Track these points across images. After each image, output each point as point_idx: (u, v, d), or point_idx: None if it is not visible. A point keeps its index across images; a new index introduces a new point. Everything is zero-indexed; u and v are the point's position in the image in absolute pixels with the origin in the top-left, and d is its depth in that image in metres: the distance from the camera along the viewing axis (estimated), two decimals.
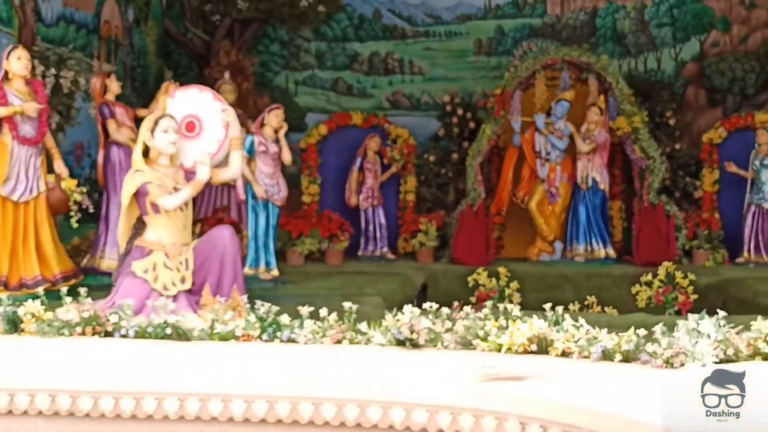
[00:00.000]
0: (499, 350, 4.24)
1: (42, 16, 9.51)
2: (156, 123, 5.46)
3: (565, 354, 4.16)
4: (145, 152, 5.54)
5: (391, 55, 13.83)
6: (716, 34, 13.14)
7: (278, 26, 13.69)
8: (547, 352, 4.21)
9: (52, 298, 5.09)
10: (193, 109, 5.73)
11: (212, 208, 10.27)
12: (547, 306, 4.45)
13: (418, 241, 10.96)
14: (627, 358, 4.03)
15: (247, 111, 11.69)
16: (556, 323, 4.25)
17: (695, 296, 8.76)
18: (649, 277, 8.95)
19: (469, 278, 8.93)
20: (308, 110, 13.56)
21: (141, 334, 4.53)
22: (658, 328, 4.13)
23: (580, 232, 10.81)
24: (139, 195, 5.39)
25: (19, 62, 6.77)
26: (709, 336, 4.04)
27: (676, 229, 10.57)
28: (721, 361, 4.01)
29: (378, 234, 11.24)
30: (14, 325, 4.61)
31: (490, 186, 11.53)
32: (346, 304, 4.56)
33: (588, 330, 4.19)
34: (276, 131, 8.33)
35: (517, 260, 11.05)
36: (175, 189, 5.47)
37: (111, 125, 7.98)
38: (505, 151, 11.47)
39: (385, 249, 11.23)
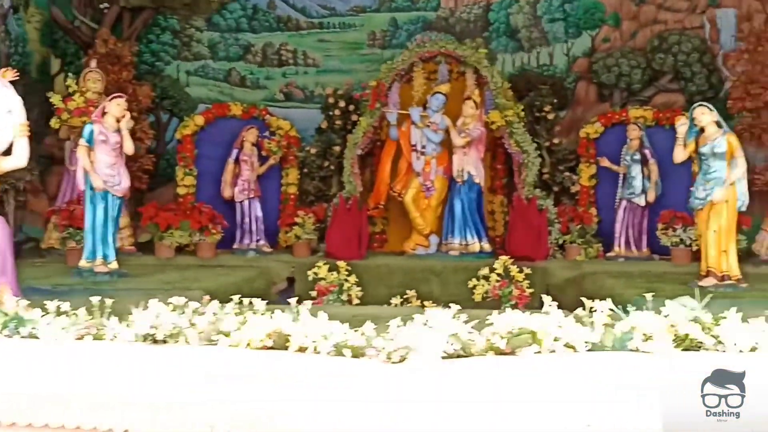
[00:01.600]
0: (239, 346, 4.14)
1: None
2: None
3: (302, 349, 4.06)
4: None
5: (284, 46, 13.70)
6: (607, 29, 13.21)
7: (169, 15, 13.47)
8: (286, 348, 4.11)
9: None
10: None
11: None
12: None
13: (294, 234, 10.83)
14: (356, 354, 3.94)
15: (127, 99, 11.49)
16: (296, 318, 4.16)
17: (531, 290, 8.74)
18: (486, 271, 8.91)
19: (309, 272, 8.80)
20: (200, 101, 13.36)
21: None
22: (393, 322, 4.05)
23: (455, 226, 10.75)
24: None
25: None
26: (439, 331, 3.97)
27: (549, 224, 10.58)
28: (450, 356, 3.95)
29: (254, 227, 11.10)
30: None
31: (374, 179, 11.47)
32: (95, 299, 4.42)
33: (326, 325, 4.09)
34: (118, 120, 8.13)
35: (396, 254, 11.01)
36: None
37: None
38: None
39: (262, 242, 11.11)
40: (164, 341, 4.23)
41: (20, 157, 5.61)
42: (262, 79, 13.65)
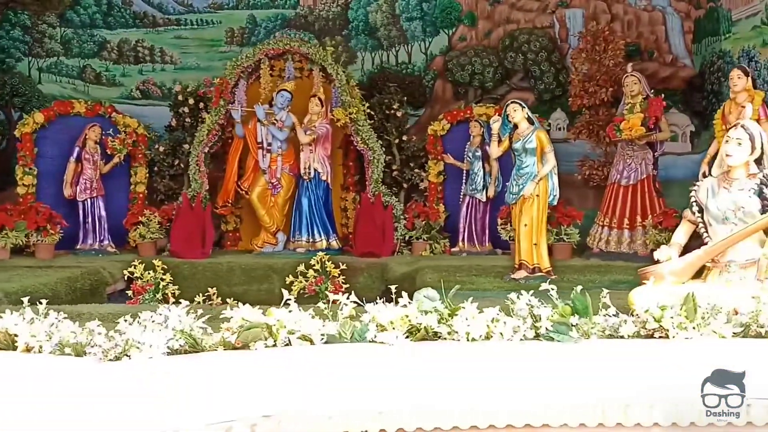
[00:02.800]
0: None
1: None
2: None
3: (28, 349, 3.98)
4: None
5: (141, 43, 13.47)
6: (464, 28, 13.39)
7: (20, 11, 13.10)
8: (14, 348, 4.02)
9: None
10: None
11: None
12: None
13: (139, 233, 10.65)
14: (78, 352, 3.89)
15: None
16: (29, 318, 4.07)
17: (345, 284, 8.79)
18: (303, 267, 8.94)
19: (125, 271, 8.66)
20: (53, 98, 12.98)
21: None
22: (122, 319, 4.01)
23: (302, 223, 10.77)
24: None
25: None
26: (167, 326, 3.94)
27: (395, 220, 10.68)
28: (175, 352, 3.93)
29: (98, 226, 10.89)
30: None
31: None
32: None
33: (53, 323, 4.02)
34: None
35: (246, 252, 10.97)
36: None
37: None
38: None
39: (106, 242, 10.91)
40: None
41: None
42: (118, 76, 13.41)
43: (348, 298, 4.37)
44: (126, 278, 9.61)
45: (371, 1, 13.46)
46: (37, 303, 4.14)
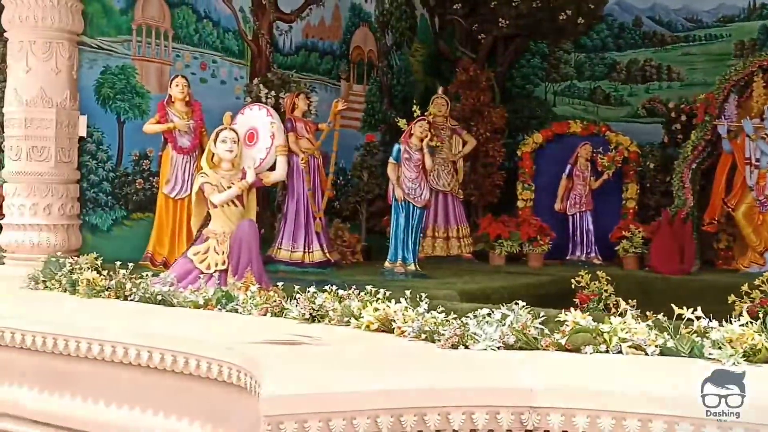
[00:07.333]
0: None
1: (279, 47, 11.43)
2: (217, 135, 6.85)
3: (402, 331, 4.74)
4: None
5: (649, 62, 13.76)
6: None
7: (539, 41, 14.34)
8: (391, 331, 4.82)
9: None
10: (253, 122, 7.09)
11: None
12: None
13: (622, 247, 11.01)
14: (430, 338, 4.53)
15: (483, 120, 12.68)
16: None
17: None
18: (746, 287, 8.18)
19: (572, 280, 8.84)
20: (565, 119, 13.92)
21: (143, 299, 5.96)
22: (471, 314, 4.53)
23: None
24: (202, 192, 6.83)
25: (177, 88, 8.65)
26: (504, 324, 4.38)
27: None
28: (510, 347, 4.33)
29: (585, 239, 11.55)
30: (73, 286, 6.37)
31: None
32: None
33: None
34: (421, 140, 9.22)
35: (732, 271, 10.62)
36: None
37: (290, 137, 9.45)
38: None
39: (592, 254, 11.57)
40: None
41: (279, 173, 7.06)
42: (625, 95, 13.86)
43: None
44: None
45: None
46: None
